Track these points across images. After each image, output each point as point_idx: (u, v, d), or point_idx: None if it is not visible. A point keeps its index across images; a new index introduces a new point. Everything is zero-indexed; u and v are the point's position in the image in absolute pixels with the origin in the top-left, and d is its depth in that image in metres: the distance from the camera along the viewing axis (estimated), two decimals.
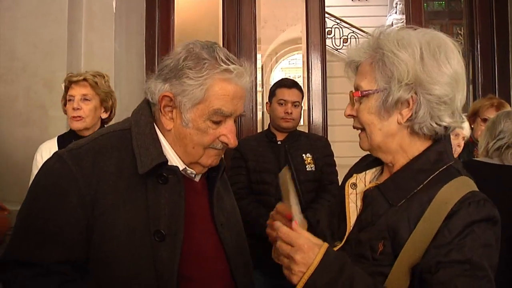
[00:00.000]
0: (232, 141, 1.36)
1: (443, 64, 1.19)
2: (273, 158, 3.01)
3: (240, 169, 3.05)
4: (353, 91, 1.29)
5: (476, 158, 2.58)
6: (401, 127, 1.24)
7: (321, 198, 2.97)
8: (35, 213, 1.27)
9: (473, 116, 3.41)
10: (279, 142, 3.07)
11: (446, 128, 1.23)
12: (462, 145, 3.15)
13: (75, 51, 3.45)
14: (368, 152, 1.36)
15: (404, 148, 1.26)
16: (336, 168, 3.14)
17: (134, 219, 1.28)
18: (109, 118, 2.73)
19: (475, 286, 1.07)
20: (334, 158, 3.18)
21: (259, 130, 4.20)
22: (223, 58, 1.31)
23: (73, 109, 2.54)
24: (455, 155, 3.09)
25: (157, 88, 1.34)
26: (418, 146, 1.26)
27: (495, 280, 1.12)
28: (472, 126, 3.42)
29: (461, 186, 1.17)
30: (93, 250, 1.27)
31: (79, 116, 2.55)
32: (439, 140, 1.26)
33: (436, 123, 1.21)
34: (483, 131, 2.57)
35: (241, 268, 1.45)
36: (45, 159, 2.42)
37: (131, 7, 3.91)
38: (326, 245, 1.14)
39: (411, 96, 1.19)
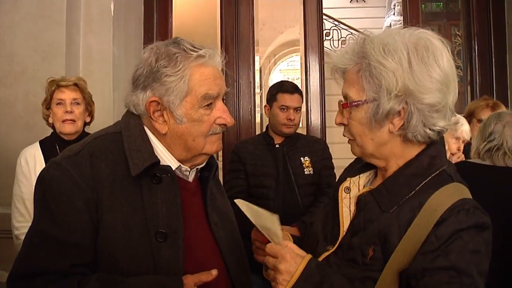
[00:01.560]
0: (229, 120, 1.38)
1: (433, 69, 1.16)
2: (272, 162, 3.00)
3: (239, 173, 3.03)
4: (342, 100, 1.27)
5: (469, 160, 2.59)
6: (393, 135, 1.22)
7: (319, 201, 2.95)
8: (46, 225, 1.27)
9: (469, 117, 3.42)
10: (277, 146, 3.06)
11: (439, 132, 1.22)
12: (462, 148, 3.17)
13: (73, 54, 3.47)
14: None
15: (397, 154, 1.25)
16: (335, 170, 3.13)
17: (131, 220, 1.29)
18: (90, 122, 2.78)
19: None
20: (333, 160, 3.17)
21: (258, 132, 4.20)
22: (190, 47, 1.33)
23: (66, 112, 2.57)
24: (458, 159, 3.11)
25: (139, 98, 1.35)
26: (411, 151, 1.25)
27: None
28: None
29: (452, 193, 1.16)
30: (95, 253, 1.28)
31: (72, 120, 2.58)
32: (432, 143, 1.25)
33: (430, 129, 1.20)
34: (476, 132, 2.58)
35: (236, 266, 1.46)
36: (30, 164, 2.50)
37: (129, 10, 3.92)
38: (308, 256, 1.16)
39: (402, 107, 1.17)
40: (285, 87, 3.08)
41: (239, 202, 1.29)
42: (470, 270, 1.08)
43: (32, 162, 2.50)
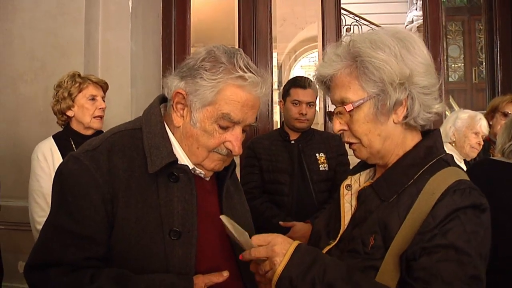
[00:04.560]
0: (237, 149, 1.36)
1: (417, 55, 1.21)
2: (287, 158, 2.98)
3: (253, 168, 3.03)
4: (336, 106, 1.28)
5: (493, 157, 2.55)
6: (396, 126, 1.24)
7: (333, 198, 2.91)
8: (62, 217, 1.29)
9: (492, 113, 3.39)
10: (292, 141, 3.04)
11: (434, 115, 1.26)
12: (482, 143, 3.14)
13: (92, 50, 3.52)
14: None
15: (398, 145, 1.27)
16: (350, 167, 3.09)
17: (146, 217, 1.30)
18: None
19: (458, 271, 1.06)
20: (348, 157, 3.13)
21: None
22: (242, 65, 1.31)
23: (100, 108, 2.61)
24: (476, 153, 3.10)
25: (173, 84, 1.36)
26: (409, 141, 1.27)
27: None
28: (491, 122, 3.39)
29: (448, 176, 1.17)
30: (109, 247, 1.30)
31: (102, 116, 2.63)
32: (428, 134, 1.29)
33: (427, 112, 1.23)
34: (501, 128, 2.52)
35: (249, 266, 1.46)
36: (48, 158, 2.51)
37: (147, 6, 3.95)
38: (298, 241, 1.19)
39: (407, 95, 1.20)
40: (298, 82, 3.06)
41: (223, 218, 1.28)
42: (469, 250, 1.08)
43: (50, 156, 2.53)
